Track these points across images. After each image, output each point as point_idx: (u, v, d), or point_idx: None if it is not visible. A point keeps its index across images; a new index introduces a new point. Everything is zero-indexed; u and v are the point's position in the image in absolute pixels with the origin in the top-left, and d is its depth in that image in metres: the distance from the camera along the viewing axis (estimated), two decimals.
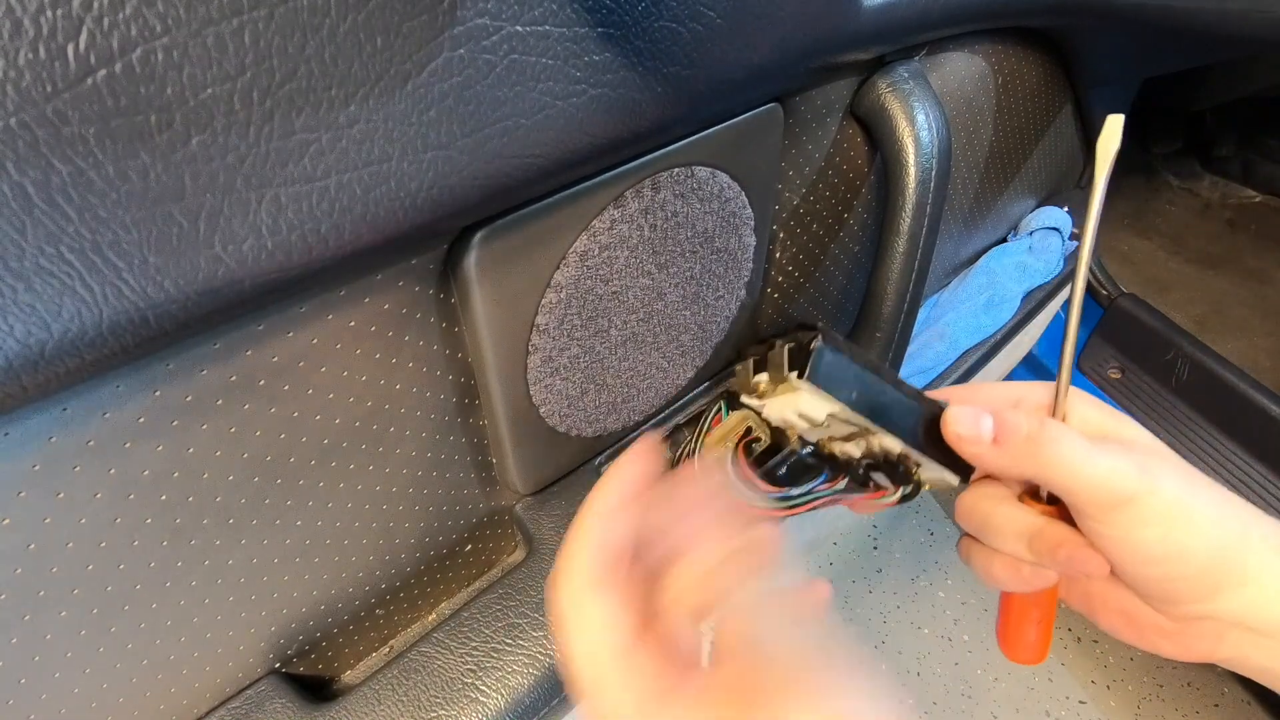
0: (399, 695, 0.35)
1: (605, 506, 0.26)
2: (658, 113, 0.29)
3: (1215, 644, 0.25)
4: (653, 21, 0.26)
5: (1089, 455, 0.24)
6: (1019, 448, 0.25)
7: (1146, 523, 0.23)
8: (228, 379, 0.27)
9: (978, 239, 0.71)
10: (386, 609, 0.40)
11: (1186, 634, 0.26)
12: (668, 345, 0.43)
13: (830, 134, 0.45)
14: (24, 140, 0.17)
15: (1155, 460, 0.24)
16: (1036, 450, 0.24)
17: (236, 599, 0.33)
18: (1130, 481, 0.23)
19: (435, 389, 0.35)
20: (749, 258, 0.43)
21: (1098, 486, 0.24)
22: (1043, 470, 0.24)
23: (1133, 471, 0.23)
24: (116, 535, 0.27)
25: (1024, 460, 0.25)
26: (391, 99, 0.22)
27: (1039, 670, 0.94)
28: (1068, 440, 0.24)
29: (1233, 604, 0.24)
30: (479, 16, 0.22)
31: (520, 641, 0.37)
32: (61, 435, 0.24)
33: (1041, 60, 0.60)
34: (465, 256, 0.30)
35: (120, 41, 0.17)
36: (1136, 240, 0.95)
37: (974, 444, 0.25)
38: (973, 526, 0.29)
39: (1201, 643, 0.25)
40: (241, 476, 0.29)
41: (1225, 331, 0.82)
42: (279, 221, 0.21)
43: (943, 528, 1.09)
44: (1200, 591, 0.24)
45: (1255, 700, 0.90)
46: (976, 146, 0.60)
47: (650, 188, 0.35)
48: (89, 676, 0.30)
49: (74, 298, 0.19)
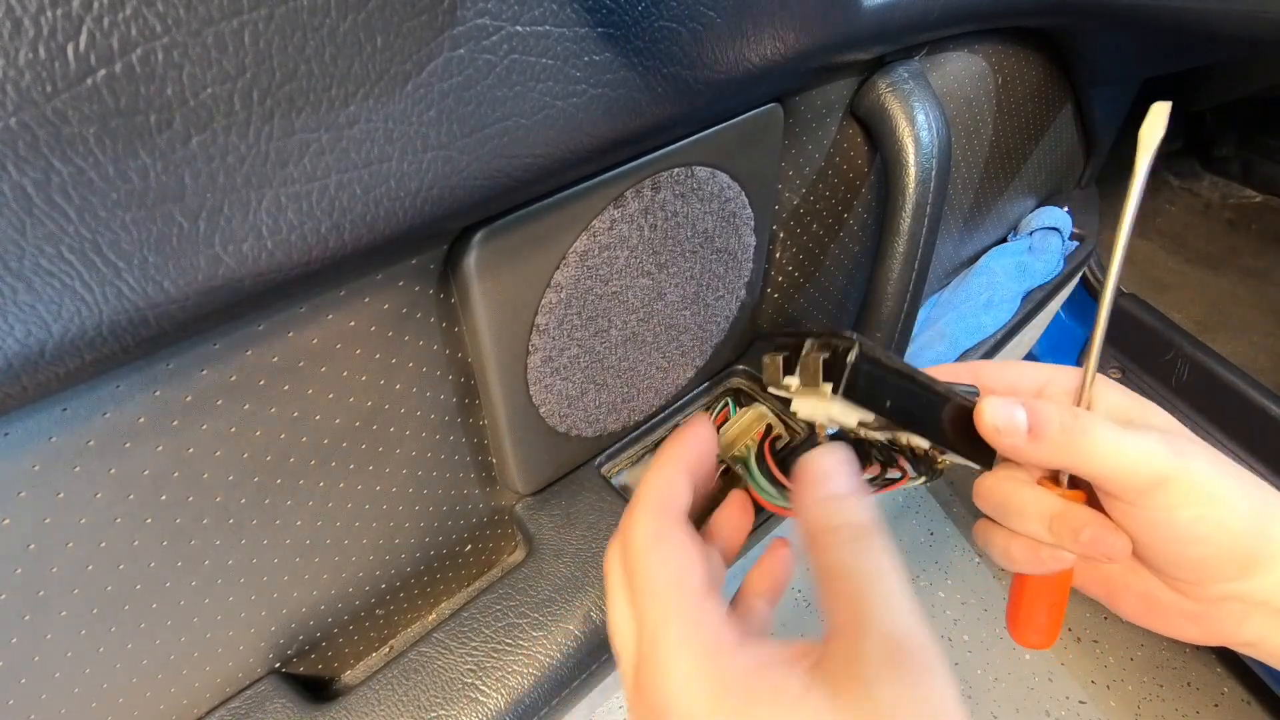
0: (399, 695, 0.35)
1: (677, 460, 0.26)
2: (658, 113, 0.29)
3: (1238, 626, 0.25)
4: (653, 21, 0.26)
5: (1121, 441, 0.24)
6: (1054, 440, 0.25)
7: (1181, 504, 0.24)
8: (228, 379, 0.27)
9: (978, 239, 0.71)
10: (386, 609, 0.40)
11: (1209, 616, 0.26)
12: (668, 345, 0.43)
13: (830, 134, 0.45)
14: (24, 140, 0.17)
15: (1185, 442, 0.25)
16: (1070, 441, 0.24)
17: (236, 599, 0.33)
18: (1163, 463, 0.24)
19: (435, 389, 0.35)
20: (749, 258, 0.43)
21: (1132, 471, 0.24)
22: (1076, 460, 0.25)
23: (1165, 453, 0.24)
24: (116, 535, 0.27)
25: (1059, 452, 0.25)
26: (391, 99, 0.22)
27: (1039, 670, 0.94)
28: (1101, 430, 0.24)
29: (1261, 584, 0.24)
30: (479, 16, 0.22)
31: (520, 641, 0.37)
32: (61, 435, 0.24)
33: (1041, 60, 0.60)
34: (465, 256, 0.30)
35: (120, 41, 0.17)
36: (1137, 240, 0.95)
37: (1009, 436, 0.26)
38: (991, 508, 0.29)
39: (1225, 625, 0.25)
40: (241, 476, 0.29)
41: (1225, 331, 0.82)
42: (279, 221, 0.21)
43: (942, 528, 1.09)
44: (1230, 571, 0.24)
45: (1255, 700, 0.90)
46: (976, 146, 0.60)
47: (650, 188, 0.35)
48: (89, 676, 0.30)
49: (74, 298, 0.19)
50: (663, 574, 0.23)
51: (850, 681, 0.19)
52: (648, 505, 0.25)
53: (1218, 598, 0.25)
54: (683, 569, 0.23)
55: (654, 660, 0.21)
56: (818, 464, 0.24)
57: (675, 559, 0.23)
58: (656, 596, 0.22)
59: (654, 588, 0.23)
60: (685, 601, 0.22)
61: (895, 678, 0.19)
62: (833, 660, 0.20)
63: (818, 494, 0.23)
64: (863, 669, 0.19)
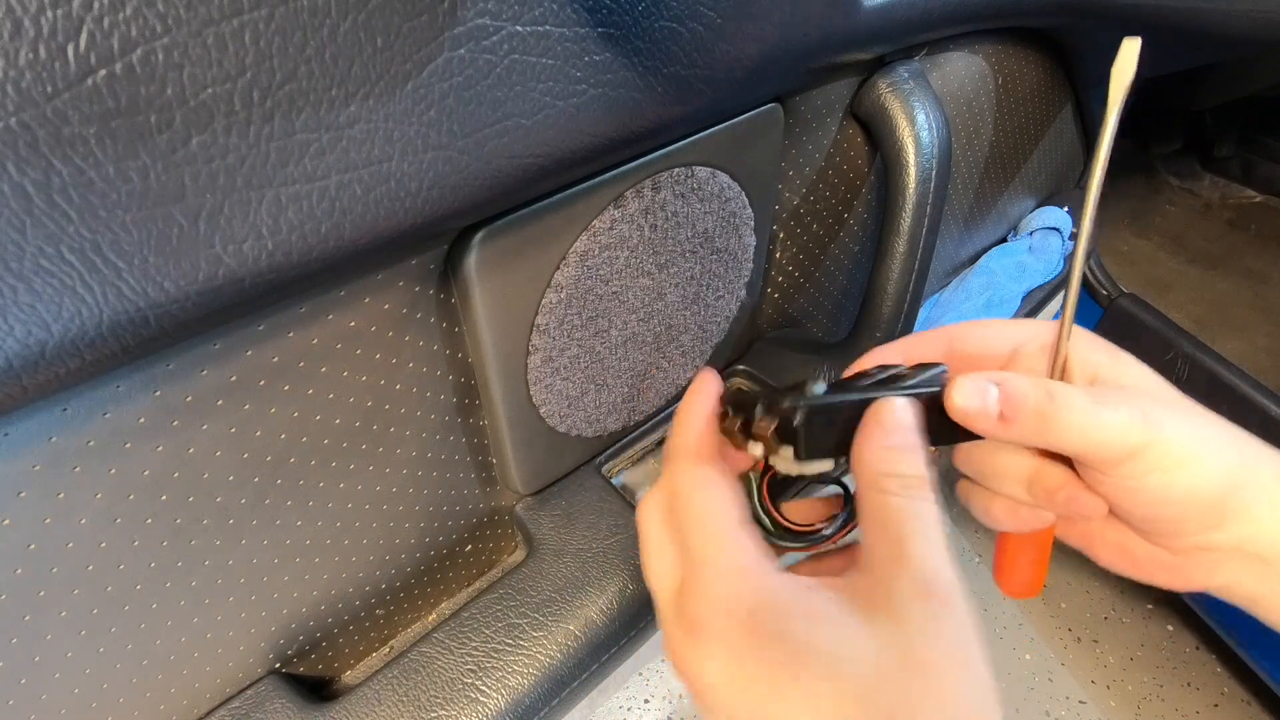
0: (399, 695, 0.35)
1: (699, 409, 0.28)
2: (658, 113, 0.29)
3: (1211, 573, 0.26)
4: (653, 21, 0.26)
5: (1095, 420, 0.24)
6: (1026, 422, 0.25)
7: (1151, 470, 0.24)
8: (228, 379, 0.27)
9: (978, 239, 0.71)
10: (386, 609, 0.40)
11: (1184, 565, 0.26)
12: (668, 345, 0.43)
13: (830, 134, 0.45)
14: (24, 140, 0.17)
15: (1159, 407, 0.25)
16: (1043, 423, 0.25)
17: (236, 599, 0.33)
18: (1135, 435, 0.24)
19: (435, 389, 0.35)
20: (749, 258, 0.43)
21: (1104, 444, 0.24)
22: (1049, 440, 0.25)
23: (1137, 424, 0.24)
24: (116, 535, 0.27)
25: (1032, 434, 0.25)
26: (391, 99, 0.22)
27: (1039, 670, 0.94)
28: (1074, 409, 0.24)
29: (1231, 534, 0.25)
30: (479, 16, 0.22)
31: (520, 641, 0.37)
32: (61, 435, 0.24)
33: (1041, 60, 0.60)
34: (465, 256, 0.30)
35: (120, 41, 0.17)
36: (1136, 240, 0.95)
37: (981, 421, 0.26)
38: (971, 470, 0.29)
39: (1198, 572, 0.26)
40: (241, 476, 0.29)
41: (1225, 331, 0.82)
42: (279, 221, 0.21)
43: None
44: (1202, 525, 0.25)
45: (1255, 700, 0.90)
46: (976, 146, 0.60)
47: (650, 188, 0.35)
48: (89, 676, 0.30)
49: (74, 298, 0.19)
50: (708, 509, 0.25)
51: (882, 608, 0.21)
52: (685, 454, 0.27)
53: (1191, 548, 0.26)
54: (724, 505, 0.25)
55: (700, 580, 0.23)
56: (888, 415, 0.25)
57: (717, 497, 0.25)
58: (704, 527, 0.24)
59: (701, 520, 0.25)
60: (729, 530, 0.24)
61: (923, 608, 0.21)
62: (868, 589, 0.22)
63: (883, 442, 0.24)
64: (895, 597, 0.21)
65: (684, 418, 0.28)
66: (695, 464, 0.26)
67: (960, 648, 0.20)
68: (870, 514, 0.23)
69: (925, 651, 0.20)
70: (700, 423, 0.28)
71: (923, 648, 0.20)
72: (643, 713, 0.91)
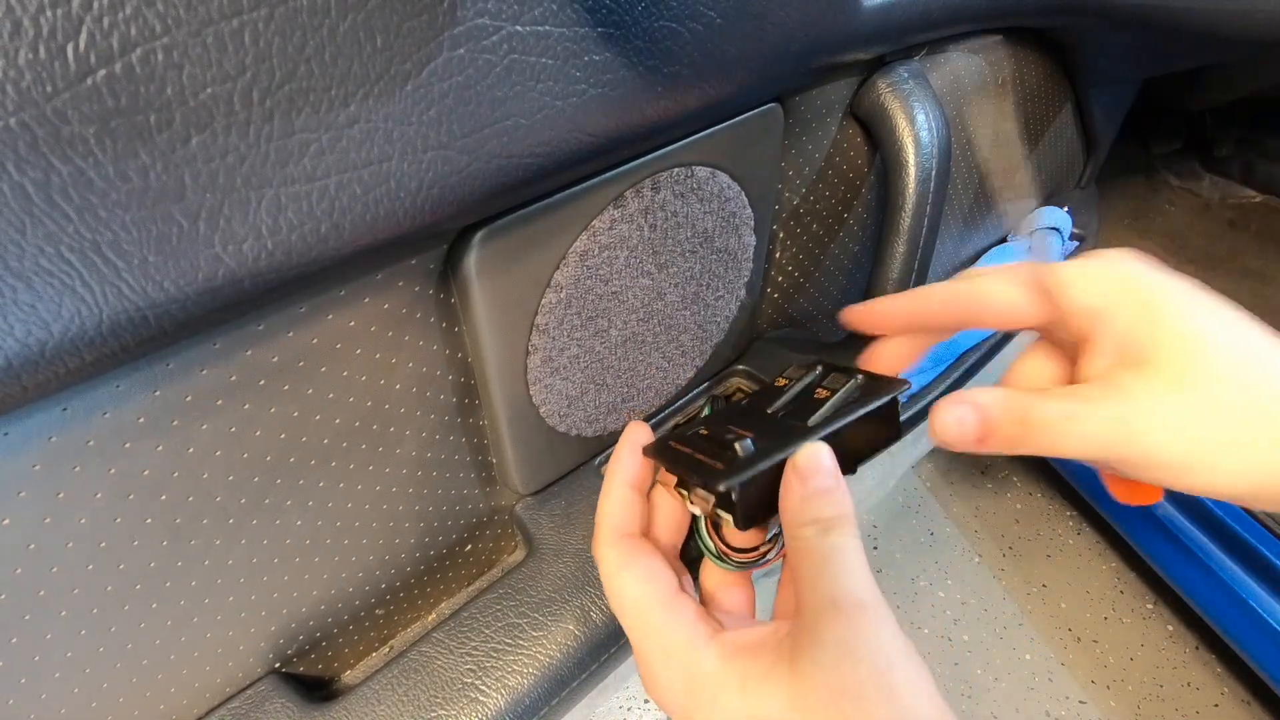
0: (399, 695, 0.35)
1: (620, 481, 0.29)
2: (658, 113, 0.29)
3: None
4: (653, 21, 0.26)
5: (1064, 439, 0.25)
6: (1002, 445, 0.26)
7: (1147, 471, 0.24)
8: (228, 379, 0.27)
9: (978, 239, 0.71)
10: (386, 609, 0.40)
11: None
12: (668, 345, 0.43)
13: (830, 134, 0.45)
14: (24, 140, 0.17)
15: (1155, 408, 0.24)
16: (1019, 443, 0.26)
17: (236, 599, 0.33)
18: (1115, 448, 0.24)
19: (435, 389, 0.35)
20: (749, 258, 0.43)
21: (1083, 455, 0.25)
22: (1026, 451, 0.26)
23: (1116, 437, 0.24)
24: (116, 535, 0.27)
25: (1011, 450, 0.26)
26: (391, 99, 0.22)
27: (1039, 670, 0.94)
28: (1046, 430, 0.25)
29: None
30: (479, 16, 0.22)
31: (520, 641, 0.37)
32: (61, 435, 0.24)
33: (1041, 60, 0.60)
34: (465, 256, 0.30)
35: (120, 41, 0.17)
36: (1136, 240, 0.95)
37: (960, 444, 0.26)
38: None
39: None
40: (241, 476, 0.29)
41: None
42: (279, 221, 0.21)
43: (943, 528, 1.09)
44: None
45: (1255, 700, 0.90)
46: (976, 146, 0.60)
47: (650, 188, 0.35)
48: (89, 676, 0.30)
49: (74, 298, 0.19)
50: (630, 594, 0.26)
51: (805, 650, 0.22)
52: (605, 535, 0.28)
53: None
54: (647, 587, 0.26)
55: (641, 660, 0.26)
56: (804, 464, 0.26)
57: (641, 578, 0.26)
58: (630, 615, 0.26)
59: (625, 609, 0.26)
60: (654, 615, 0.26)
61: (835, 623, 0.22)
62: (795, 633, 0.23)
63: (801, 493, 0.25)
64: (816, 632, 0.22)
65: (605, 486, 0.29)
66: (614, 541, 0.28)
67: (881, 670, 0.21)
68: (793, 560, 0.25)
69: (849, 676, 0.21)
70: (619, 492, 0.29)
71: (848, 673, 0.21)
72: (643, 713, 0.91)
